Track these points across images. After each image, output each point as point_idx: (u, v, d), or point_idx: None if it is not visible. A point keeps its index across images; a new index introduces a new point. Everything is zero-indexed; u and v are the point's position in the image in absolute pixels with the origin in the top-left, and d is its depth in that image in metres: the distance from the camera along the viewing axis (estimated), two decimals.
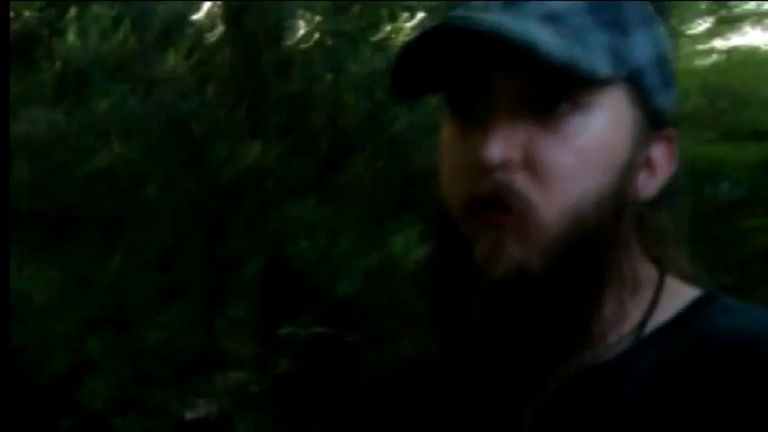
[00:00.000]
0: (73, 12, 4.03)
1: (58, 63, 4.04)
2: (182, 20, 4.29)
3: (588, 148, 0.67)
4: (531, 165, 0.67)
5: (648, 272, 0.73)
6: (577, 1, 0.69)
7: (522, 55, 0.63)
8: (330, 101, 3.95)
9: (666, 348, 0.69)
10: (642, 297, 0.72)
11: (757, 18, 5.95)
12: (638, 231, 0.73)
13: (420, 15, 3.85)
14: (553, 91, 0.67)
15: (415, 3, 3.97)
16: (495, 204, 0.67)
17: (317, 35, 3.84)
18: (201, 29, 4.19)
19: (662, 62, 0.73)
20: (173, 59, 4.19)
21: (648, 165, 0.73)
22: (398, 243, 3.46)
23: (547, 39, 0.64)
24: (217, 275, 3.37)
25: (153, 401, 2.98)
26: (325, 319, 3.34)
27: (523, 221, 0.66)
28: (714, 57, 5.64)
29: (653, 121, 0.72)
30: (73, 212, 3.46)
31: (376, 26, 3.94)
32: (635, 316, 0.71)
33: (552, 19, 0.67)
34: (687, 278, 0.75)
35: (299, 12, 4.01)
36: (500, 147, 0.65)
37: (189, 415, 3.13)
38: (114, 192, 3.63)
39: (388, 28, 3.97)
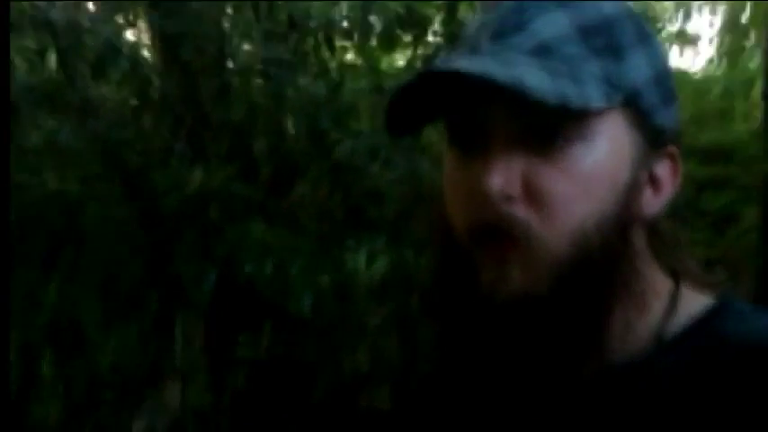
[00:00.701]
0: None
1: None
2: (113, 50, 4.23)
3: (588, 176, 0.68)
4: (531, 195, 0.67)
5: (663, 282, 0.75)
6: (568, 28, 0.68)
7: (512, 97, 0.64)
8: (271, 128, 3.96)
9: (682, 354, 0.70)
10: (655, 307, 0.73)
11: (682, 41, 6.36)
12: (652, 244, 0.74)
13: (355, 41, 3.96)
14: (548, 125, 0.67)
15: (351, 29, 4.08)
16: (498, 233, 0.68)
17: (256, 65, 3.86)
18: (135, 58, 4.14)
19: (661, 79, 0.73)
20: (105, 89, 4.11)
21: (653, 182, 0.73)
22: (350, 262, 3.48)
23: (534, 80, 0.64)
24: (166, 295, 3.29)
25: (104, 421, 2.85)
26: (279, 337, 3.31)
27: (527, 249, 0.67)
28: None
29: (654, 140, 0.72)
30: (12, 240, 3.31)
31: (315, 53, 4.01)
32: (646, 326, 0.72)
33: (543, 52, 0.67)
34: (702, 286, 0.77)
35: (236, 41, 4.03)
36: (500, 177, 0.66)
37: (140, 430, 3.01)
38: (50, 222, 3.50)
39: (327, 55, 4.05)
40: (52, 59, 4.12)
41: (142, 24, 4.57)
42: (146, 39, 4.45)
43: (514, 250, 0.67)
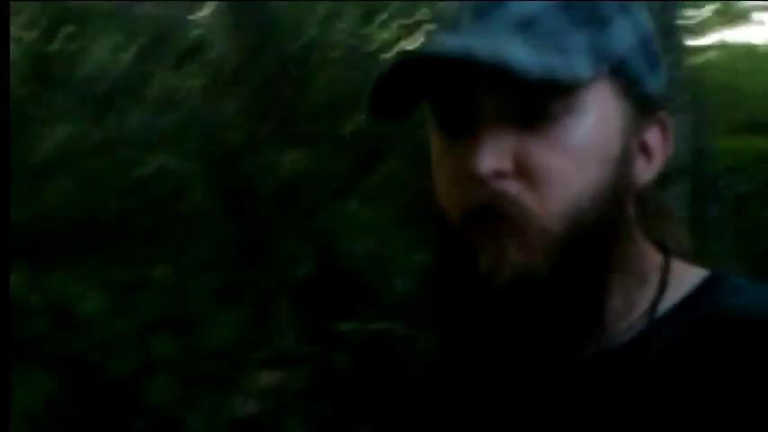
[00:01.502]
0: (89, 30, 4.04)
1: (80, 82, 4.05)
2: (199, 41, 4.33)
3: (579, 149, 0.67)
4: (523, 172, 0.66)
5: (653, 255, 0.73)
6: (546, 2, 0.67)
7: (497, 73, 0.63)
8: (356, 111, 4.01)
9: (679, 329, 0.69)
10: (650, 281, 0.71)
11: (746, 15, 6.14)
12: (639, 215, 0.73)
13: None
14: (536, 99, 0.66)
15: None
16: (492, 214, 0.66)
17: (339, 52, 3.90)
18: (219, 49, 4.24)
19: (646, 45, 0.72)
20: (195, 79, 4.23)
21: (644, 150, 0.72)
22: None
23: (519, 54, 0.63)
24: (267, 277, 3.36)
25: (216, 399, 2.93)
26: (378, 317, 3.35)
27: (522, 228, 0.66)
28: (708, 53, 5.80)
29: (643, 108, 0.71)
30: (116, 221, 3.43)
31: (397, 40, 4.04)
32: (644, 301, 0.71)
33: (526, 25, 0.66)
34: (692, 259, 0.75)
35: (319, 32, 4.07)
36: (490, 157, 0.65)
37: (247, 411, 3.09)
38: (156, 201, 3.62)
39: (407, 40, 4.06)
40: (135, 52, 4.25)
41: (225, 16, 4.67)
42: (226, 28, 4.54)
43: (510, 228, 0.66)
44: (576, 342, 0.68)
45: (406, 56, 0.66)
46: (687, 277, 0.72)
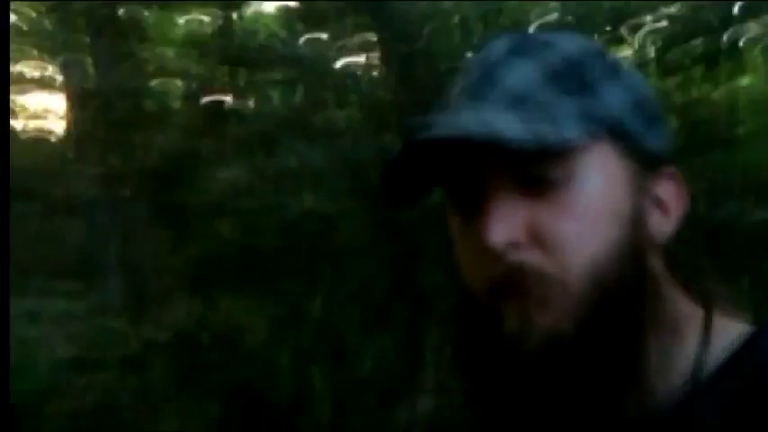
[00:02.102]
0: (258, 77, 4.34)
1: (244, 124, 4.35)
2: (352, 77, 4.53)
3: (587, 210, 0.68)
4: (536, 239, 0.67)
5: (691, 310, 0.72)
6: (537, 77, 0.70)
7: (493, 147, 0.65)
8: None
9: (726, 391, 0.67)
10: (690, 337, 0.70)
11: None
12: (671, 271, 0.72)
13: None
14: (535, 168, 0.67)
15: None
16: (513, 284, 0.67)
17: None
18: (372, 81, 4.40)
19: (641, 104, 0.73)
20: (347, 112, 4.42)
21: (659, 205, 0.73)
22: None
23: (510, 128, 0.65)
24: (414, 307, 3.44)
25: (370, 426, 3.04)
26: None
27: (544, 295, 0.67)
28: None
29: (648, 164, 0.72)
30: (273, 257, 3.65)
31: None
32: (682, 358, 0.69)
33: (518, 102, 0.69)
34: (733, 312, 0.73)
35: (466, 53, 4.14)
36: (502, 230, 0.67)
37: None
38: (307, 237, 3.82)
39: None
40: (299, 90, 4.49)
41: (373, 47, 4.84)
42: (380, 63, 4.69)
43: (533, 298, 0.67)
44: (613, 402, 0.67)
45: (407, 143, 0.68)
46: (729, 333, 0.70)
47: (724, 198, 3.40)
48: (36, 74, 6.91)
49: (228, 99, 4.49)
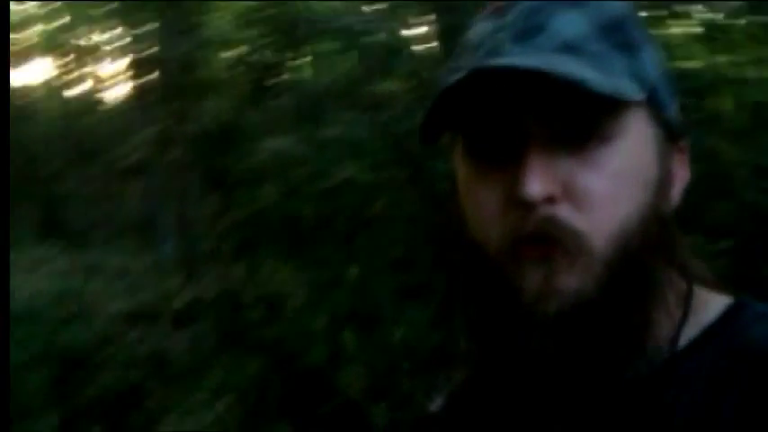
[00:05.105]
0: (308, 48, 4.45)
1: (293, 94, 4.48)
2: (397, 49, 4.59)
3: (622, 172, 0.67)
4: (571, 196, 0.65)
5: (677, 282, 0.71)
6: (588, 27, 0.67)
7: (558, 90, 0.62)
8: None
9: (702, 360, 0.68)
10: (673, 308, 0.70)
11: None
12: (667, 244, 0.71)
13: None
14: (584, 123, 0.66)
15: None
16: (543, 239, 0.65)
17: None
18: (416, 54, 4.46)
19: (667, 75, 0.72)
20: (392, 83, 4.49)
21: (672, 177, 0.72)
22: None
23: (590, 74, 0.63)
24: (448, 279, 3.54)
25: (401, 392, 3.15)
26: None
27: (574, 251, 0.65)
28: None
29: (670, 135, 0.72)
30: (314, 224, 3.78)
31: None
32: (667, 328, 0.69)
33: (571, 50, 0.66)
34: (714, 286, 0.73)
35: None
36: (541, 182, 0.64)
37: (430, 408, 3.28)
38: (348, 206, 3.93)
39: None
40: (345, 60, 4.58)
41: (422, 20, 4.89)
42: (428, 33, 4.75)
43: (562, 251, 0.65)
44: (619, 367, 0.67)
45: (477, 66, 0.65)
46: (710, 305, 0.72)
47: None
48: (104, 40, 7.16)
49: (280, 69, 4.62)
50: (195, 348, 3.96)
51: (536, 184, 0.64)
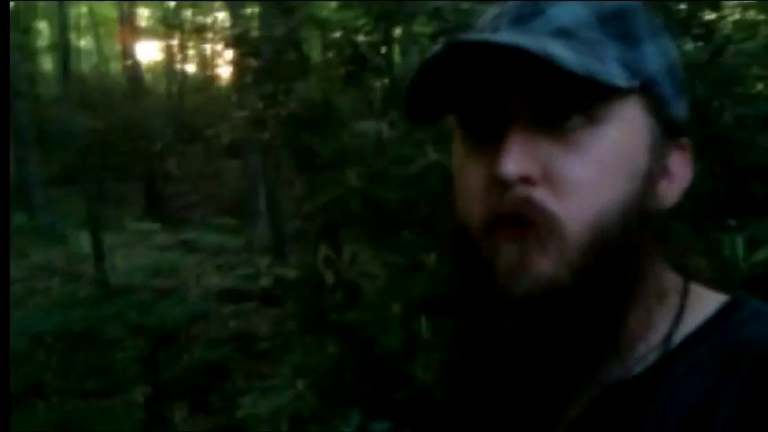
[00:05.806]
0: (397, 32, 4.41)
1: (385, 81, 4.45)
2: None
3: (606, 159, 0.65)
4: (550, 179, 0.64)
5: (673, 280, 0.71)
6: (586, 15, 0.68)
7: (538, 70, 0.62)
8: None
9: (697, 358, 0.66)
10: (669, 306, 0.69)
11: None
12: (660, 240, 0.70)
13: None
14: (568, 105, 0.65)
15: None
16: (517, 219, 0.65)
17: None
18: None
19: (673, 72, 0.71)
20: None
21: (667, 174, 0.71)
22: (727, 247, 3.24)
23: (563, 53, 0.62)
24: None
25: None
26: None
27: (547, 234, 0.64)
28: None
29: (668, 131, 0.70)
30: (396, 209, 3.77)
31: (694, 15, 3.79)
32: (662, 326, 0.68)
33: (564, 34, 0.66)
34: (712, 284, 0.72)
35: None
36: (518, 162, 0.64)
37: None
38: (431, 191, 3.90)
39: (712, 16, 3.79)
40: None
41: None
42: None
43: (535, 233, 0.64)
44: (591, 361, 0.66)
45: (454, 40, 0.65)
46: (706, 302, 0.71)
47: None
48: (209, 21, 7.37)
49: (370, 51, 4.60)
50: (279, 328, 4.04)
51: (512, 164, 0.64)
